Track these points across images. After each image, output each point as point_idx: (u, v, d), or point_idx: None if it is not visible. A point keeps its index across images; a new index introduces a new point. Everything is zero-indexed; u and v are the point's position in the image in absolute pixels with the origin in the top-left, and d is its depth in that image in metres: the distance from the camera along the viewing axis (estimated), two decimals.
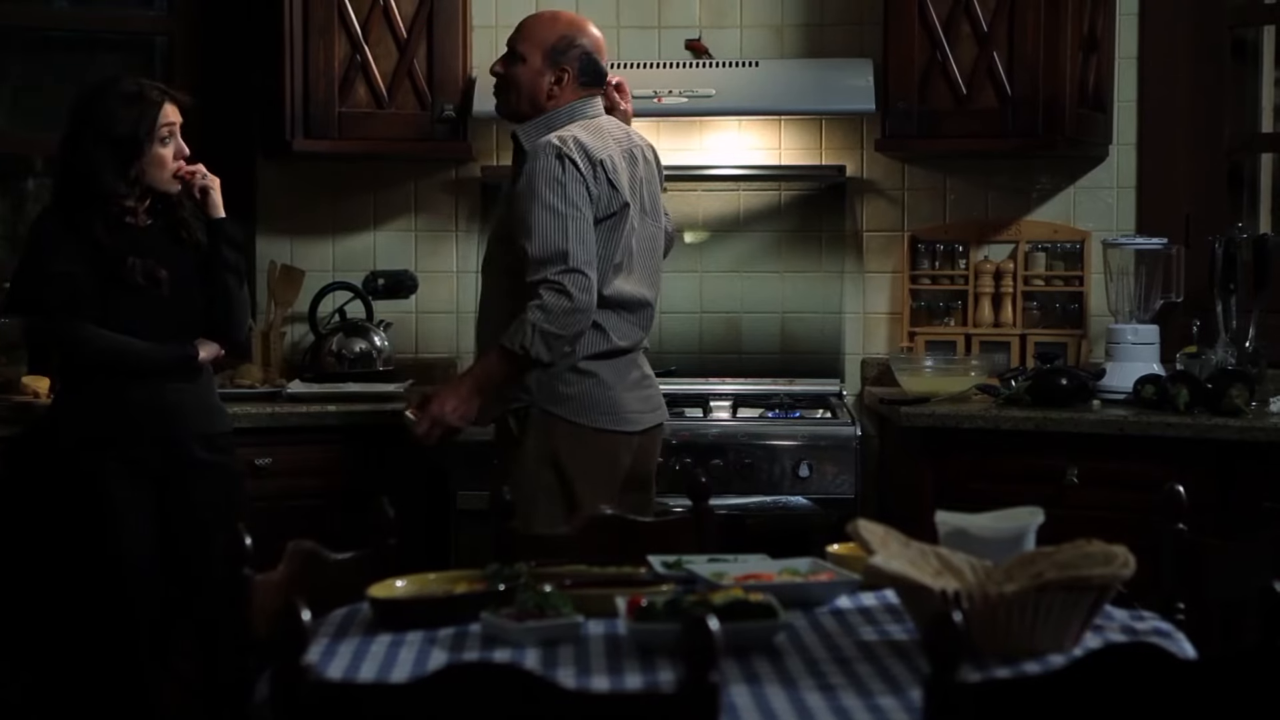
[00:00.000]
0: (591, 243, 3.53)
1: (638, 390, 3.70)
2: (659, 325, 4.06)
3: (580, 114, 3.67)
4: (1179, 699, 1.83)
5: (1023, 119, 4.37)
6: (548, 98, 3.66)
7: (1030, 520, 2.42)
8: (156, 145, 3.57)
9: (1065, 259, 4.73)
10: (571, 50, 3.67)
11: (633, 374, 3.69)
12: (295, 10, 4.41)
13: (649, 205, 3.75)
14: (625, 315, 3.65)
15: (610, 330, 3.62)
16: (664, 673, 2.11)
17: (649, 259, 3.74)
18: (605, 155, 3.59)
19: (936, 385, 4.33)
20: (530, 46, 3.68)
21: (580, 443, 3.59)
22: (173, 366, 3.59)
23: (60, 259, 3.53)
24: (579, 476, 3.56)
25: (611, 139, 3.66)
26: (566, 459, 3.58)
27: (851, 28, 4.73)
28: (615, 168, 3.60)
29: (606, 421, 3.61)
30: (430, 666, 2.13)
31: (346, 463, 4.20)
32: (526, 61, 3.67)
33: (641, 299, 3.69)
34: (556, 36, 3.68)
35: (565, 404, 3.59)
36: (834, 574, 2.57)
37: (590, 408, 3.60)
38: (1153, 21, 4.68)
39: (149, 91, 3.59)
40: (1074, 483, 3.97)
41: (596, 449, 3.60)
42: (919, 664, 2.13)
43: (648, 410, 3.72)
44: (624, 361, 3.66)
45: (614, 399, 3.62)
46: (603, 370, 3.62)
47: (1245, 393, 3.93)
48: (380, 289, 4.66)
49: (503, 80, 3.73)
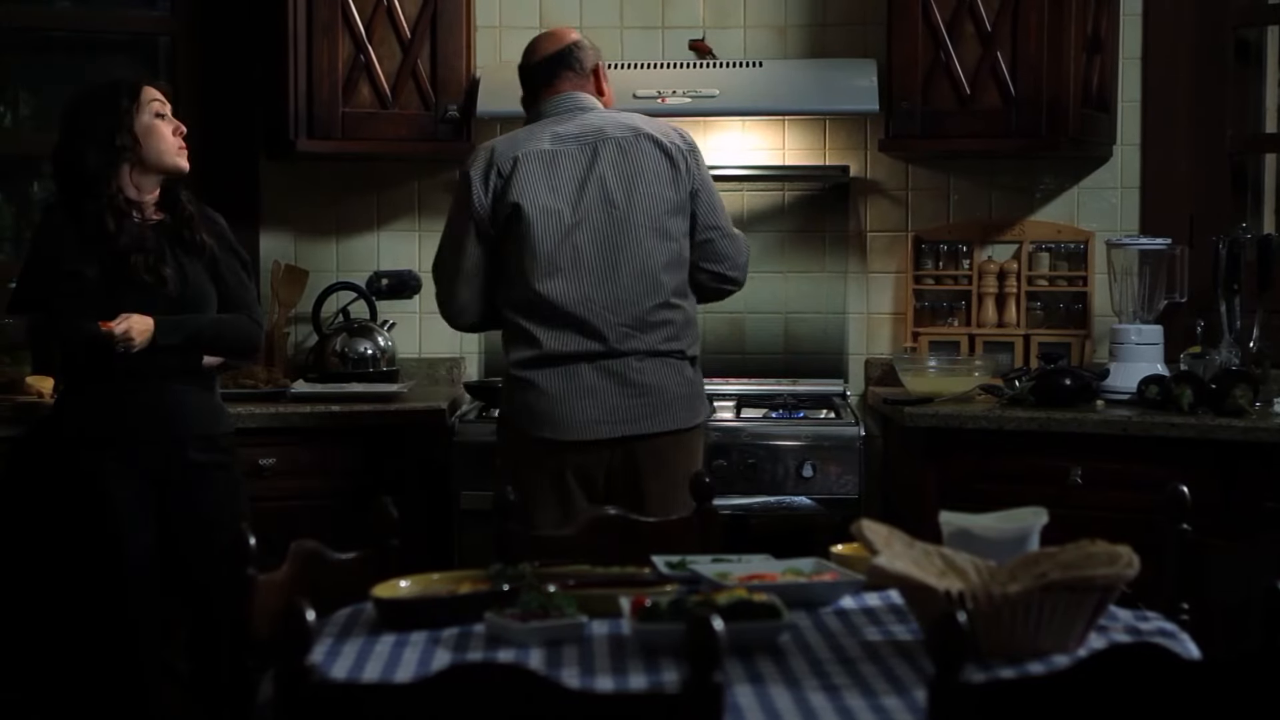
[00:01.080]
0: (447, 260, 3.70)
1: (594, 398, 3.57)
2: None
3: (540, 115, 3.74)
4: (1183, 700, 1.83)
5: (1026, 119, 4.37)
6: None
7: (1034, 520, 2.42)
8: (148, 117, 3.58)
9: (1069, 259, 4.73)
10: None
11: (586, 380, 3.56)
12: (299, 10, 4.41)
13: (615, 197, 3.61)
14: (557, 319, 3.57)
15: (539, 336, 3.57)
16: (668, 673, 2.11)
17: (610, 255, 3.60)
18: (507, 158, 3.62)
19: (940, 385, 4.33)
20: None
21: (525, 451, 3.58)
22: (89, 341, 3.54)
23: (67, 258, 3.54)
24: (526, 484, 3.45)
25: (521, 137, 3.67)
26: (516, 467, 3.58)
27: (855, 28, 4.73)
28: (513, 168, 3.60)
29: (546, 430, 3.56)
30: (434, 667, 2.13)
31: (350, 463, 4.20)
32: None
33: (582, 299, 3.57)
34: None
35: (513, 413, 3.61)
36: (838, 574, 2.57)
37: (532, 417, 3.57)
38: (1156, 22, 4.68)
39: (122, 79, 3.66)
40: (1078, 483, 3.97)
41: (536, 457, 3.57)
42: (923, 664, 2.13)
43: (610, 420, 3.56)
44: (570, 370, 3.56)
45: (551, 408, 3.55)
46: (540, 379, 3.57)
47: (1249, 393, 3.93)
48: (384, 289, 4.66)
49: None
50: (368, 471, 4.19)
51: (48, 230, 3.61)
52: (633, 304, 3.59)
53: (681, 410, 3.63)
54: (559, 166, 3.62)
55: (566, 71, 3.75)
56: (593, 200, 3.61)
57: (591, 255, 3.59)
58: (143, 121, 3.57)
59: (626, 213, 3.61)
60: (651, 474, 3.59)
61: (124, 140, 3.54)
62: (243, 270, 3.75)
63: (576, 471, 3.57)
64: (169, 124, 3.62)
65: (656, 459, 3.60)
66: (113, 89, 3.60)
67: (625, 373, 3.58)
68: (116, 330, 3.46)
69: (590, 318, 3.57)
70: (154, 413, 3.58)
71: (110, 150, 3.54)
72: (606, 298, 3.58)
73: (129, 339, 3.47)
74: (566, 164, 3.62)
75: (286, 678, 1.76)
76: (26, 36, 5.01)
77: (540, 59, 3.76)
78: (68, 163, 3.57)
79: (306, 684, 1.76)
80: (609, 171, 3.63)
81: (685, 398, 3.64)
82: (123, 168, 3.57)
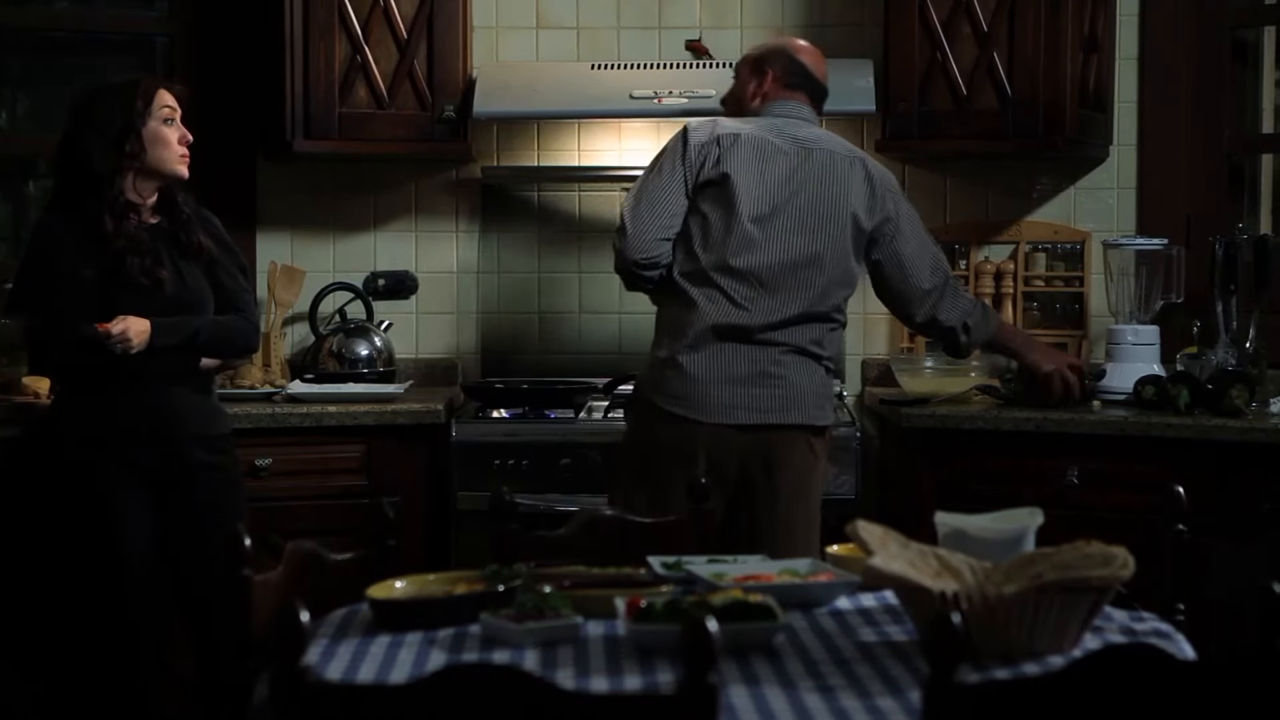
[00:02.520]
0: (645, 199, 3.60)
1: (729, 385, 3.55)
2: None
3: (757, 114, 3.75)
4: (1178, 700, 1.83)
5: (1023, 120, 4.37)
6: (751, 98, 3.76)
7: (1030, 521, 2.42)
8: (157, 124, 3.57)
9: (1066, 260, 4.73)
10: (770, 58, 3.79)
11: (710, 364, 3.56)
12: (295, 11, 4.41)
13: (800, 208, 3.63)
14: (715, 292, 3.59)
15: (706, 307, 3.57)
16: (663, 674, 2.11)
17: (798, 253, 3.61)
18: (721, 133, 3.62)
19: (937, 386, 4.33)
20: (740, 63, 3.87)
21: (656, 422, 3.57)
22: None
23: (63, 259, 3.53)
24: (640, 455, 3.56)
25: (737, 122, 3.69)
26: (640, 437, 3.59)
27: (852, 28, 4.73)
28: (731, 144, 3.60)
29: (677, 406, 3.54)
30: (429, 667, 2.13)
31: (347, 464, 4.20)
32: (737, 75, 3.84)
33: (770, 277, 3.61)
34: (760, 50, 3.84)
35: (647, 384, 3.62)
36: (833, 575, 2.57)
37: (662, 388, 3.57)
38: (1153, 22, 4.68)
39: (143, 79, 3.63)
40: (1074, 483, 3.97)
41: (665, 431, 3.55)
42: (918, 665, 2.13)
43: (726, 403, 3.54)
44: (718, 349, 3.56)
45: (688, 383, 3.54)
46: (676, 349, 3.56)
47: (1245, 393, 3.93)
48: (381, 290, 4.66)
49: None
50: (364, 472, 4.19)
51: (44, 232, 3.61)
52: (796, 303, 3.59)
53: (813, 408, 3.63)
54: (772, 159, 3.61)
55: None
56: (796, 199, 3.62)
57: (781, 246, 3.59)
58: (151, 127, 3.57)
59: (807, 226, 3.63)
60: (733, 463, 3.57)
61: (133, 147, 3.54)
62: (239, 272, 3.75)
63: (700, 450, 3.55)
64: (175, 131, 3.61)
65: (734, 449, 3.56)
66: (129, 89, 3.58)
67: (759, 362, 3.57)
68: (114, 330, 3.46)
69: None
70: (152, 414, 3.57)
71: (119, 155, 3.53)
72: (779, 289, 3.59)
73: (126, 339, 3.47)
74: (779, 159, 3.61)
75: (282, 678, 1.76)
76: (24, 36, 5.01)
77: (823, 79, 3.79)
78: (74, 158, 3.56)
79: (301, 684, 1.76)
80: (814, 178, 3.63)
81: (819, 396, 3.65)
82: (127, 174, 3.57)
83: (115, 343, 3.46)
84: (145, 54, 4.97)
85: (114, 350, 3.47)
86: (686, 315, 3.56)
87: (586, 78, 4.53)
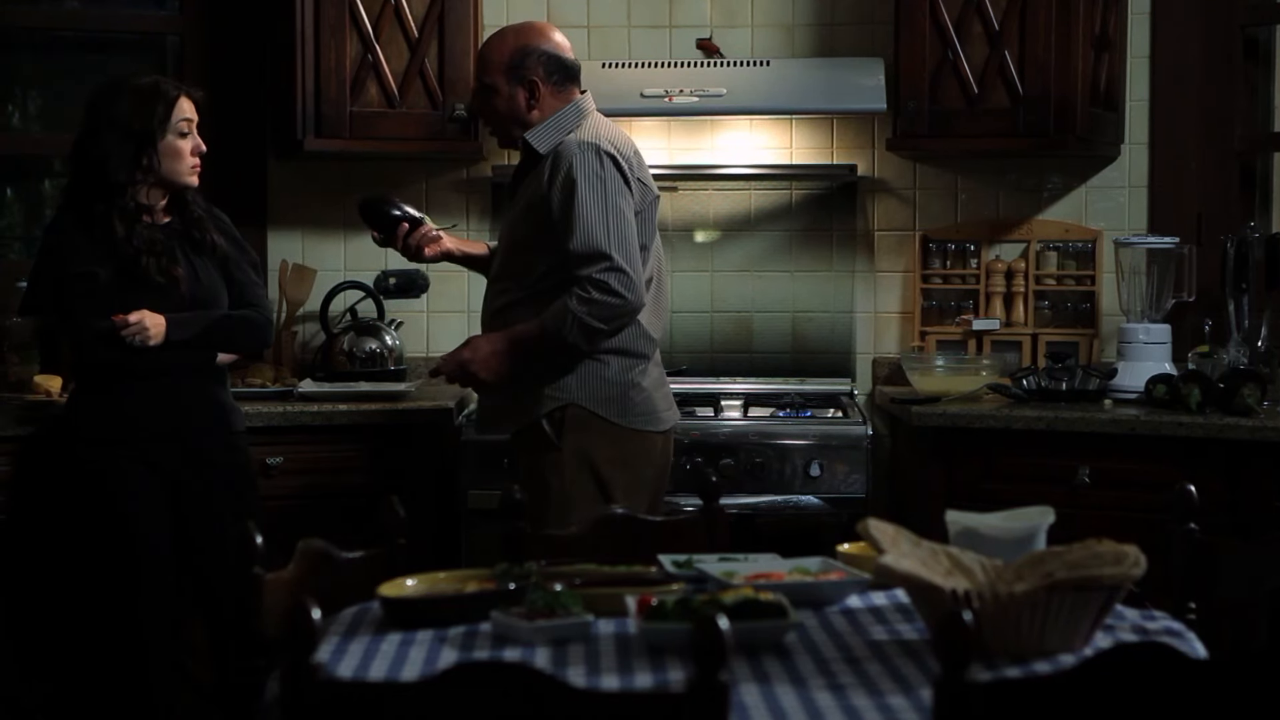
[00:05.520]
0: (633, 240, 3.51)
1: (663, 388, 3.70)
2: (670, 324, 4.06)
3: (586, 111, 3.66)
4: (1190, 699, 1.83)
5: (1034, 118, 4.37)
6: (529, 110, 3.63)
7: (1041, 520, 2.42)
8: (174, 137, 3.58)
9: (1077, 258, 4.72)
10: (529, 59, 3.62)
11: (657, 371, 3.69)
12: (307, 10, 4.41)
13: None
14: (651, 309, 3.64)
15: (646, 325, 3.62)
16: (674, 672, 2.11)
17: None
18: (630, 151, 3.61)
19: (947, 385, 4.32)
20: (491, 73, 3.63)
21: (617, 444, 3.58)
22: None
23: (78, 259, 3.54)
24: (616, 478, 3.55)
25: (622, 135, 3.66)
26: (603, 461, 3.57)
27: (862, 27, 4.73)
28: (639, 163, 3.63)
29: (642, 422, 3.60)
30: (440, 665, 2.14)
31: (357, 462, 4.21)
32: (496, 90, 3.63)
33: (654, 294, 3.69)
34: (510, 52, 3.63)
35: (606, 405, 3.57)
36: (844, 573, 2.56)
37: (629, 409, 3.58)
38: (1164, 21, 4.68)
39: (164, 85, 3.62)
40: (1085, 482, 3.96)
41: (633, 450, 3.59)
42: (929, 663, 2.13)
43: (668, 408, 3.71)
44: (655, 360, 3.67)
45: (649, 398, 3.62)
46: (636, 371, 3.60)
47: (1257, 392, 3.93)
48: (391, 288, 4.66)
49: (485, 116, 3.76)
50: (375, 470, 4.20)
51: (58, 233, 3.61)
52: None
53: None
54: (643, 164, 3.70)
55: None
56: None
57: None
58: (168, 141, 3.57)
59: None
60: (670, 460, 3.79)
61: (149, 161, 3.54)
62: (251, 268, 3.76)
63: (660, 458, 3.72)
64: (189, 142, 3.61)
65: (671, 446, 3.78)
66: (151, 94, 3.58)
67: (660, 362, 3.78)
68: (130, 319, 3.47)
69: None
70: (167, 411, 3.58)
71: (134, 168, 3.53)
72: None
73: (143, 329, 3.48)
74: (640, 162, 3.70)
75: (292, 676, 1.76)
76: (35, 36, 5.02)
77: (564, 49, 3.69)
78: (89, 157, 3.56)
79: (312, 683, 1.76)
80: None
81: None
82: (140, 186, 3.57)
83: (133, 334, 3.47)
84: (156, 53, 4.98)
85: (131, 343, 3.48)
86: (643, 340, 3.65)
87: (597, 76, 4.52)
